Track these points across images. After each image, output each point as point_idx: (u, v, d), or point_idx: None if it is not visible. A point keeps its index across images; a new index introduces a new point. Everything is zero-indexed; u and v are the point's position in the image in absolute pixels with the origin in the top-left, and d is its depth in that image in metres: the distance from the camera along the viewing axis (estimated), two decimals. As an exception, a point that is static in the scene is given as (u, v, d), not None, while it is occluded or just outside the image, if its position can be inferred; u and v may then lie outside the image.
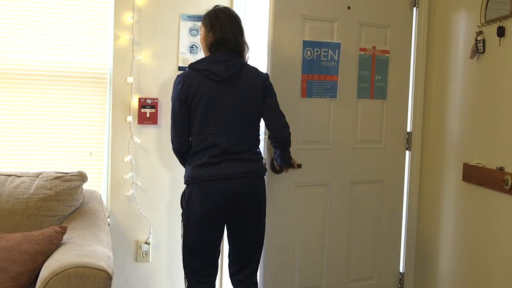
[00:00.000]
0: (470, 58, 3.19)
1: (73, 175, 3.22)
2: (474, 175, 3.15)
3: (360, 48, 3.52)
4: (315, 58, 3.35)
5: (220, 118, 2.83)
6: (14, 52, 3.50)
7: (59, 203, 3.13)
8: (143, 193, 3.72)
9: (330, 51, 3.38)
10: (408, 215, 3.80)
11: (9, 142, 3.54)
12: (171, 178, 3.74)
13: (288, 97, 3.29)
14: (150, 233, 3.75)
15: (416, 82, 3.71)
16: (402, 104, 3.73)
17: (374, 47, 3.57)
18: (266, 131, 3.16)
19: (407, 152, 3.78)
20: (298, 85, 3.35)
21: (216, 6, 3.00)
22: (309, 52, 3.32)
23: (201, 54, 3.55)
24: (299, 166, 3.35)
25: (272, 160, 3.22)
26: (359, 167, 3.61)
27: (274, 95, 2.99)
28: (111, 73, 3.63)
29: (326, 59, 3.39)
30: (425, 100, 3.72)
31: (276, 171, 3.28)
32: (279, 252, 3.38)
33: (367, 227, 3.69)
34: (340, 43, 3.42)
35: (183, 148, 2.93)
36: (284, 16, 3.24)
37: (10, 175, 3.27)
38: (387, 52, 3.62)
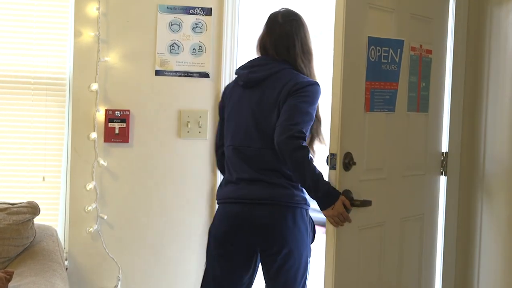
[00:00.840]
0: (523, 59, 3.18)
1: (21, 207, 3.21)
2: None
3: (411, 47, 3.49)
4: (376, 59, 3.19)
5: (240, 128, 3.01)
6: None
7: (3, 242, 3.12)
8: (110, 229, 3.70)
9: (391, 50, 3.23)
10: (444, 258, 3.73)
11: None
12: (146, 210, 3.72)
13: (352, 112, 3.19)
14: (119, 280, 3.71)
15: (454, 89, 3.63)
16: (438, 118, 3.72)
17: (421, 46, 3.44)
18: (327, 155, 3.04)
19: (441, 177, 3.75)
20: (362, 96, 3.24)
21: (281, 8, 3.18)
22: (372, 52, 3.19)
23: (183, 55, 3.67)
24: (365, 203, 3.16)
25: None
26: (406, 200, 3.51)
27: (300, 97, 2.92)
28: (71, 78, 3.64)
29: (386, 61, 3.22)
30: (464, 112, 3.73)
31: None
32: None
33: (410, 274, 3.63)
34: (403, 40, 3.29)
35: (221, 163, 3.17)
36: (351, 5, 3.19)
37: None
38: (430, 52, 3.50)
